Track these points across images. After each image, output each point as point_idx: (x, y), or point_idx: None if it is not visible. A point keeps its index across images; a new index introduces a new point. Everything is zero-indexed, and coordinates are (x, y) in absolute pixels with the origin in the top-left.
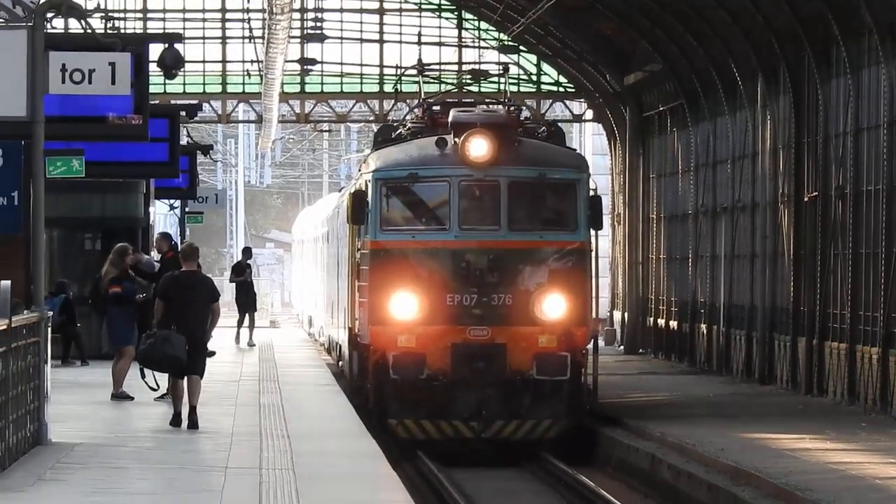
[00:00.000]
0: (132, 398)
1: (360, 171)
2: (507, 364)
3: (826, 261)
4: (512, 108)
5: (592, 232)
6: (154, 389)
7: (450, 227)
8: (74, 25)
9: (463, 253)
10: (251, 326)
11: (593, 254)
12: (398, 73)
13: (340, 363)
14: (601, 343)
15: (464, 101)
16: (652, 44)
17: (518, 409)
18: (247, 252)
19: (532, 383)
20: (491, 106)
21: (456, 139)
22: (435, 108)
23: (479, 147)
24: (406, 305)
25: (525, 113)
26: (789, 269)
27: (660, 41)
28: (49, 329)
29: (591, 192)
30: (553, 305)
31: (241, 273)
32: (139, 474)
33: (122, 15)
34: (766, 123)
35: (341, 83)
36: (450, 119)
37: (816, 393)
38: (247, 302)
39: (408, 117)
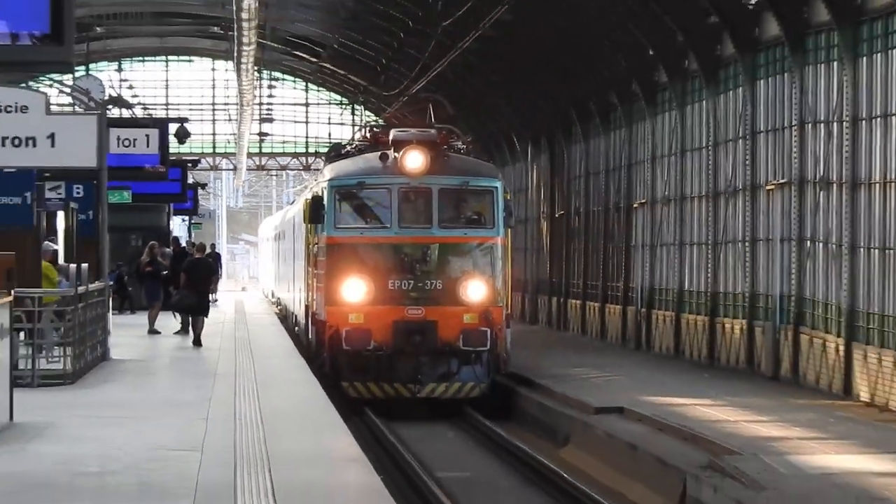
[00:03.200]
0: (159, 333)
1: (316, 180)
2: (438, 337)
3: (569, 252)
4: (440, 129)
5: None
6: (181, 324)
7: (391, 225)
8: (125, 112)
9: (402, 247)
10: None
11: (508, 247)
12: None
13: (296, 328)
14: None
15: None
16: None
17: (447, 373)
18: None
19: (459, 353)
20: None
21: (396, 153)
22: (377, 129)
23: (415, 160)
24: (356, 289)
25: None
26: (547, 257)
27: (472, 121)
28: (110, 291)
29: (506, 198)
30: (475, 289)
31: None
32: (164, 377)
33: (153, 105)
34: (533, 169)
35: (283, 146)
36: (391, 137)
37: (580, 333)
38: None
39: (355, 137)
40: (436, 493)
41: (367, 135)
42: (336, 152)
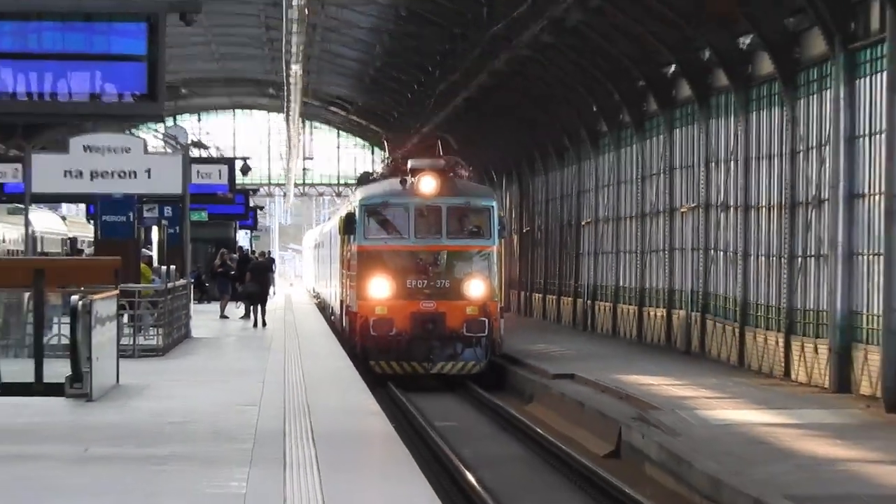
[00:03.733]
0: (228, 318)
1: (349, 200)
2: (446, 325)
3: (533, 258)
4: (448, 160)
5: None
6: (244, 311)
7: (409, 236)
8: (202, 152)
9: (417, 253)
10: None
11: (501, 254)
12: (346, 179)
13: (332, 317)
14: None
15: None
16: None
17: (453, 354)
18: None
19: (462, 338)
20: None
21: (413, 179)
22: (398, 160)
23: (428, 184)
24: (381, 287)
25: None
26: (517, 261)
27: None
28: (191, 286)
29: (500, 214)
30: (475, 287)
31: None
32: (232, 350)
33: (223, 147)
34: (507, 195)
35: (320, 178)
36: (409, 166)
37: (542, 318)
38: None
39: (378, 167)
40: (432, 435)
41: (390, 164)
42: (365, 178)
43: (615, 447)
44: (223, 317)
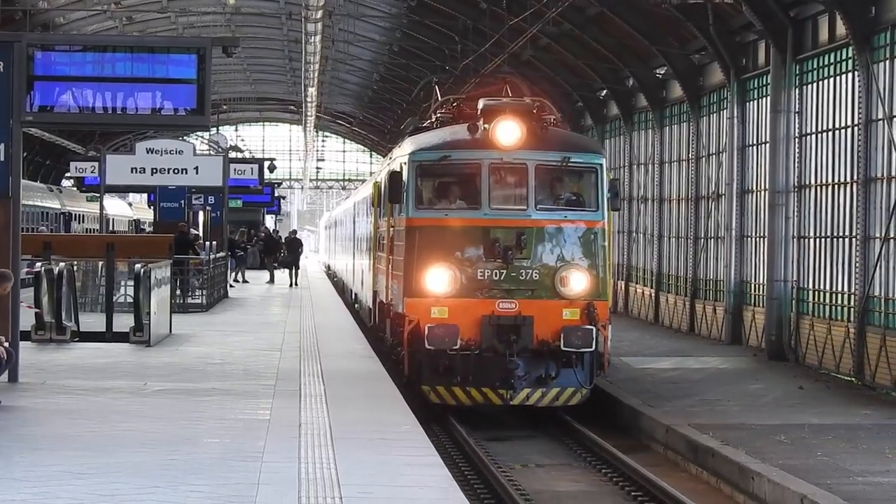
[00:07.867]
0: (248, 283)
1: (392, 157)
2: (534, 336)
3: None
4: (533, 100)
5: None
6: (269, 278)
7: (481, 206)
8: (238, 154)
9: (493, 231)
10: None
11: (611, 233)
12: (345, 176)
13: (356, 305)
14: None
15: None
16: None
17: (544, 378)
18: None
19: (557, 353)
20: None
21: (486, 125)
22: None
23: (508, 131)
24: (439, 279)
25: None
26: None
27: None
28: (229, 257)
29: (611, 177)
30: (576, 280)
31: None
32: (260, 306)
33: (255, 150)
34: None
35: (330, 174)
36: (480, 106)
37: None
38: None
39: (436, 114)
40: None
41: (452, 106)
42: (415, 126)
43: None
44: (236, 281)
